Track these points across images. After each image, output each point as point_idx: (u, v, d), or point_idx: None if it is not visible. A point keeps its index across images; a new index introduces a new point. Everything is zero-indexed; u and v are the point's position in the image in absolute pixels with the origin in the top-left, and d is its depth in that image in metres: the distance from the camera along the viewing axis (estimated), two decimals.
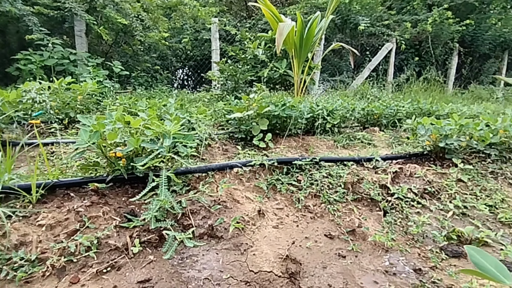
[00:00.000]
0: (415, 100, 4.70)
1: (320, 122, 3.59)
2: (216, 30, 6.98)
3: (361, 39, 8.92)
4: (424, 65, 8.57)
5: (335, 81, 8.62)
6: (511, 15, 8.71)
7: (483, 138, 2.27)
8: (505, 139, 2.48)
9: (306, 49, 5.89)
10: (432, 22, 8.05)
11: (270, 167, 1.98)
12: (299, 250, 1.43)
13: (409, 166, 2.24)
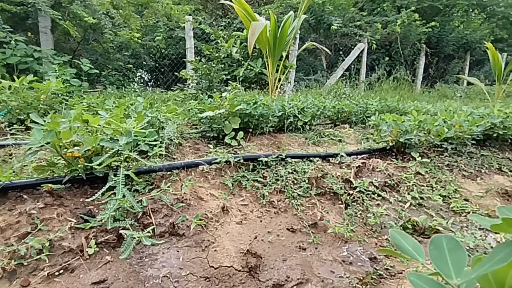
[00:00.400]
0: (383, 98, 4.88)
1: (291, 120, 3.65)
2: (190, 28, 6.90)
3: (334, 39, 9.13)
4: (394, 65, 8.92)
5: (310, 80, 8.77)
6: (472, 18, 9.25)
7: (439, 133, 2.41)
8: (460, 134, 2.64)
9: (280, 48, 5.96)
10: (400, 24, 8.39)
11: (236, 164, 1.99)
12: (260, 245, 1.45)
13: (372, 161, 2.33)
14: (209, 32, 6.86)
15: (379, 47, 9.06)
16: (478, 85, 8.06)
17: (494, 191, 2.23)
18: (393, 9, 9.15)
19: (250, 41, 5.47)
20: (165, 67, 8.51)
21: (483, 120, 2.69)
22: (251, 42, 5.43)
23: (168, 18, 7.88)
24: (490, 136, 2.93)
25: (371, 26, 8.89)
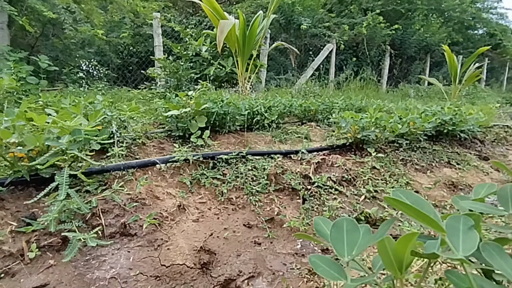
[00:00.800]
0: (348, 97, 5.06)
1: (258, 119, 3.68)
2: (158, 25, 6.73)
3: (304, 39, 9.32)
4: (361, 65, 9.26)
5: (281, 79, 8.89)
6: (431, 22, 9.82)
7: (393, 129, 2.54)
8: (414, 130, 2.80)
9: (249, 47, 5.98)
10: (366, 26, 8.73)
11: (196, 162, 1.98)
12: (216, 241, 1.45)
13: (331, 157, 2.40)
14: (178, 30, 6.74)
15: (347, 48, 9.36)
16: (437, 85, 8.58)
17: (442, 182, 2.39)
18: (359, 11, 9.49)
19: (219, 39, 5.45)
20: (133, 65, 8.25)
21: (434, 117, 2.87)
22: (220, 40, 5.41)
23: (134, 15, 7.64)
24: (441, 132, 3.13)
25: (339, 27, 9.18)
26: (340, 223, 0.57)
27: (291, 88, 7.78)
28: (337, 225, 0.57)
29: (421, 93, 8.62)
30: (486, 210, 0.63)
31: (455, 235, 0.50)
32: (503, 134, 3.74)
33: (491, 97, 8.77)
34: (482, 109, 3.93)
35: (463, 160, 2.86)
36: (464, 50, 10.79)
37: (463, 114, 3.08)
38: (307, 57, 9.19)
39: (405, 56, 9.94)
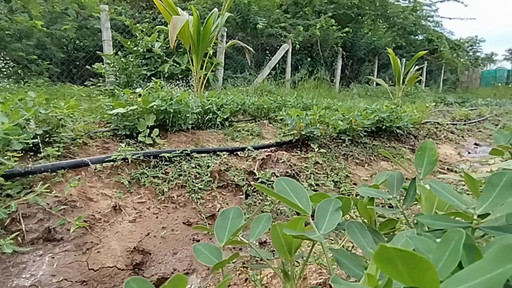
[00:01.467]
0: (300, 96, 5.24)
1: (210, 117, 3.66)
2: (107, 19, 6.35)
3: (261, 38, 9.44)
4: (316, 65, 9.63)
5: (239, 78, 8.91)
6: (378, 27, 10.53)
7: (335, 126, 2.69)
8: (355, 126, 2.99)
9: (204, 45, 5.91)
10: (320, 28, 9.09)
11: (136, 161, 1.92)
12: (152, 241, 1.42)
13: (277, 153, 2.48)
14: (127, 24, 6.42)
15: (302, 48, 9.66)
16: (383, 85, 9.23)
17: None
18: (313, 13, 9.85)
19: (172, 35, 5.30)
20: (80, 60, 7.70)
21: (373, 114, 3.09)
22: (173, 36, 5.26)
23: (79, 5, 7.13)
24: (380, 128, 3.38)
25: (295, 28, 9.45)
26: (227, 212, 0.60)
27: (248, 87, 7.84)
28: (224, 214, 0.59)
29: (369, 92, 9.19)
30: (375, 194, 0.70)
31: (323, 216, 0.56)
32: (434, 130, 4.14)
33: (430, 96, 9.64)
34: (416, 107, 4.32)
35: (398, 154, 3.12)
36: (407, 54, 11.74)
37: (399, 112, 3.36)
38: (264, 56, 9.32)
39: (356, 57, 10.54)
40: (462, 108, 6.44)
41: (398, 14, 11.17)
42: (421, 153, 0.72)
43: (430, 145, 0.72)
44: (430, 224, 0.51)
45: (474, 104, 7.66)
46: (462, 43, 16.42)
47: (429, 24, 12.81)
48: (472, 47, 18.80)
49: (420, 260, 0.26)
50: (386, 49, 9.06)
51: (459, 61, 14.47)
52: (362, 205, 0.74)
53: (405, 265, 0.27)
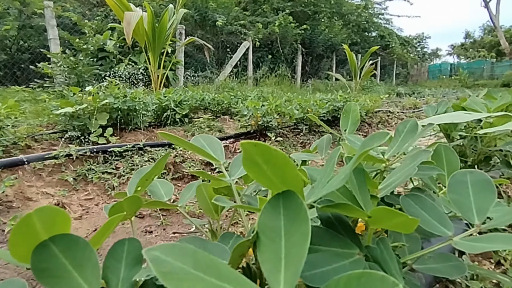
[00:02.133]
0: (260, 91, 5.30)
1: (169, 114, 3.57)
2: (52, 16, 5.92)
3: (221, 36, 9.38)
4: (277, 62, 9.79)
5: (200, 76, 8.79)
6: (334, 24, 10.97)
7: (290, 115, 2.76)
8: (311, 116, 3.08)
9: (160, 42, 5.74)
10: (278, 25, 9.24)
11: (83, 157, 1.81)
12: None
13: (235, 144, 2.48)
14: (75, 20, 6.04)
15: (263, 45, 9.77)
16: (341, 80, 9.62)
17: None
18: (272, 11, 9.99)
19: (127, 31, 5.09)
20: (25, 62, 7.10)
21: (327, 103, 3.21)
22: (128, 32, 5.06)
23: (22, 3, 6.58)
24: (336, 117, 3.52)
25: (254, 25, 9.52)
26: (144, 169, 0.60)
27: (210, 85, 7.76)
28: (139, 172, 0.59)
29: (329, 87, 9.53)
30: (306, 157, 0.73)
31: (237, 166, 0.58)
32: (386, 117, 4.40)
33: (384, 89, 10.23)
34: (369, 97, 4.57)
35: None
36: (362, 50, 12.36)
37: (352, 101, 3.53)
38: (225, 54, 9.28)
39: (315, 54, 10.88)
40: (410, 98, 6.93)
41: (352, 12, 11.72)
42: (346, 115, 0.77)
43: (354, 107, 0.77)
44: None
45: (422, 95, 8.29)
46: (410, 40, 17.71)
47: (381, 21, 13.64)
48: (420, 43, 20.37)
49: (276, 153, 0.27)
50: (342, 46, 9.46)
51: (409, 56, 15.56)
52: None
53: (266, 163, 0.28)
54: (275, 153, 0.27)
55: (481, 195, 0.38)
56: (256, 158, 0.27)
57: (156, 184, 0.68)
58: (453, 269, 0.38)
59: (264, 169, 0.29)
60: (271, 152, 0.27)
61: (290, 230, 0.26)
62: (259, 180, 0.30)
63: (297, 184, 0.30)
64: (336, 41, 10.85)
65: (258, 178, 0.30)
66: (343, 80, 9.51)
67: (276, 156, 0.28)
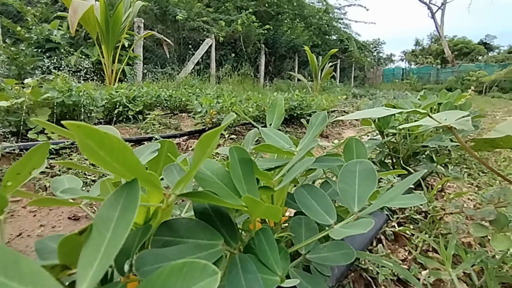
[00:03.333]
0: (220, 89, 5.25)
1: (121, 110, 3.40)
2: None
3: (183, 32, 9.15)
4: (240, 61, 9.78)
5: (160, 73, 8.49)
6: (296, 25, 11.22)
7: (245, 112, 2.76)
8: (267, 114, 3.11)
9: (115, 35, 5.44)
10: (241, 23, 9.23)
11: (10, 155, 1.64)
12: (24, 241, 1.23)
13: (188, 142, 2.42)
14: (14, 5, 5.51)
15: (226, 43, 9.69)
16: (303, 80, 9.88)
17: None
18: (235, 9, 9.95)
19: (72, 21, 4.75)
20: None
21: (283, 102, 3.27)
22: (73, 21, 4.72)
23: None
24: (293, 116, 3.60)
25: (217, 23, 9.41)
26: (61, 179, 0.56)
27: (170, 82, 7.53)
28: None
29: (291, 87, 9.72)
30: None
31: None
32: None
33: (343, 91, 10.69)
34: (326, 98, 4.73)
35: None
36: (323, 52, 12.81)
37: (307, 101, 3.63)
38: (187, 51, 9.06)
39: (278, 54, 11.04)
40: (365, 99, 7.32)
41: (313, 15, 12.08)
42: (272, 109, 0.78)
43: (280, 101, 0.78)
44: (260, 164, 0.54)
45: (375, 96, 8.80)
46: (367, 44, 18.74)
47: (340, 25, 14.25)
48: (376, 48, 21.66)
49: (108, 137, 0.25)
50: (304, 47, 9.71)
51: (366, 60, 16.46)
52: None
53: (100, 148, 0.26)
54: (107, 137, 0.25)
55: (365, 184, 0.40)
56: (88, 141, 0.25)
57: (61, 180, 0.63)
58: (342, 256, 0.39)
59: (102, 155, 0.27)
60: (101, 136, 0.25)
61: (120, 221, 0.25)
62: (104, 167, 0.28)
63: (143, 171, 0.28)
64: (298, 43, 11.11)
65: (101, 164, 0.28)
66: (305, 80, 9.77)
67: (111, 141, 0.26)
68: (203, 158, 0.33)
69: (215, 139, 0.33)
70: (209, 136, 0.31)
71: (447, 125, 0.67)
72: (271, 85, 10.14)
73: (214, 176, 0.35)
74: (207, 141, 0.32)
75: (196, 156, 0.33)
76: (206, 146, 0.32)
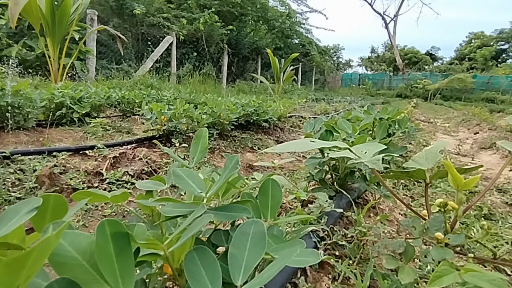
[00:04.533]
0: (177, 90, 5.10)
1: (64, 112, 3.14)
2: None
3: (141, 28, 8.74)
4: (202, 61, 9.60)
5: (117, 69, 8.03)
6: (259, 28, 11.30)
7: (199, 120, 2.70)
8: (222, 120, 3.08)
9: (62, 27, 5.01)
10: (204, 22, 9.06)
11: None
12: None
13: (136, 150, 2.30)
14: None
15: (188, 42, 9.45)
16: (265, 83, 9.98)
17: (241, 166, 2.73)
18: (198, 7, 9.74)
19: (13, 13, 4.34)
20: None
21: (239, 109, 3.26)
22: (14, 13, 4.32)
23: None
24: (249, 122, 3.60)
25: (179, 20, 9.13)
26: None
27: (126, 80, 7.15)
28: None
29: (254, 89, 9.77)
30: (151, 186, 0.69)
31: None
32: (297, 122, 4.71)
33: (303, 94, 10.99)
34: (283, 103, 4.82)
35: (263, 145, 3.39)
36: (285, 55, 13.06)
37: (264, 107, 3.66)
38: (146, 47, 8.69)
39: (241, 55, 11.03)
40: (322, 104, 7.60)
41: (276, 18, 12.25)
42: (196, 141, 0.75)
43: (204, 133, 0.76)
44: (166, 212, 0.52)
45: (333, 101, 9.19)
46: (328, 50, 19.51)
47: (302, 30, 14.63)
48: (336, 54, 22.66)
49: None
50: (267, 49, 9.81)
51: (326, 64, 17.12)
52: (140, 197, 0.72)
53: None
54: None
55: (254, 250, 0.39)
56: None
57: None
58: None
59: None
60: None
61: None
62: None
63: None
64: (261, 45, 11.20)
65: None
66: (267, 83, 9.87)
67: None
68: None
69: None
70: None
71: (362, 162, 0.71)
72: (233, 86, 10.10)
73: (79, 256, 0.31)
74: None
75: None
76: None
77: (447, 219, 0.70)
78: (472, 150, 4.47)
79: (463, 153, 4.13)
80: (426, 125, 7.39)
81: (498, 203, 2.36)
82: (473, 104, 13.21)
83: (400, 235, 1.26)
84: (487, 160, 3.78)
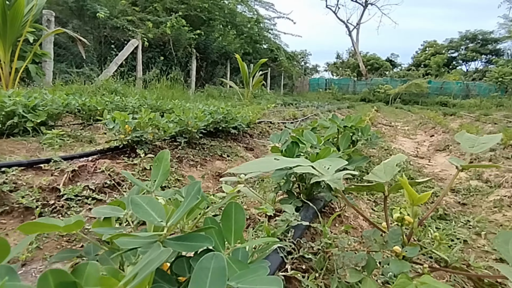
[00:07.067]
0: (142, 96, 4.93)
1: (16, 121, 2.90)
2: None
3: (104, 30, 8.37)
4: (170, 65, 9.38)
5: (78, 73, 7.60)
6: (228, 33, 11.31)
7: (165, 129, 2.63)
8: (190, 128, 3.02)
9: (14, 28, 4.65)
10: (171, 26, 8.87)
11: None
12: None
13: (98, 162, 2.18)
14: None
15: (154, 46, 9.19)
16: (234, 87, 9.98)
17: (210, 174, 2.70)
18: (164, 10, 9.53)
19: None
20: None
21: (207, 116, 3.22)
22: None
23: None
24: (218, 129, 3.57)
25: (144, 23, 8.87)
26: None
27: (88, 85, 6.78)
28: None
29: (223, 94, 9.73)
30: (109, 213, 0.66)
31: None
32: (267, 128, 4.75)
33: (273, 98, 11.13)
34: (253, 108, 4.85)
35: (233, 152, 3.37)
36: (254, 60, 13.18)
37: (233, 113, 3.65)
38: (109, 51, 8.32)
39: (210, 60, 10.95)
40: (291, 109, 7.75)
41: (245, 24, 12.34)
42: (158, 164, 0.73)
43: (166, 155, 0.74)
44: (122, 244, 0.49)
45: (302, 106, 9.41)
46: (295, 55, 20.04)
47: (270, 35, 14.89)
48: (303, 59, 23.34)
49: None
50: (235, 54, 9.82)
51: (294, 70, 17.54)
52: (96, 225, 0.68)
53: None
54: None
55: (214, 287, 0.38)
56: None
57: None
58: None
59: None
60: None
61: None
62: None
63: None
64: (230, 49, 11.20)
65: None
66: (236, 87, 9.88)
67: None
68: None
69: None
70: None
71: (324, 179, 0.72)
72: (202, 90, 9.97)
73: None
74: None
75: None
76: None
77: (404, 231, 0.73)
78: (429, 152, 4.80)
79: (421, 155, 4.42)
80: (387, 128, 7.82)
81: (451, 203, 2.54)
82: (429, 108, 14.22)
83: (363, 245, 1.32)
84: (442, 161, 4.08)
